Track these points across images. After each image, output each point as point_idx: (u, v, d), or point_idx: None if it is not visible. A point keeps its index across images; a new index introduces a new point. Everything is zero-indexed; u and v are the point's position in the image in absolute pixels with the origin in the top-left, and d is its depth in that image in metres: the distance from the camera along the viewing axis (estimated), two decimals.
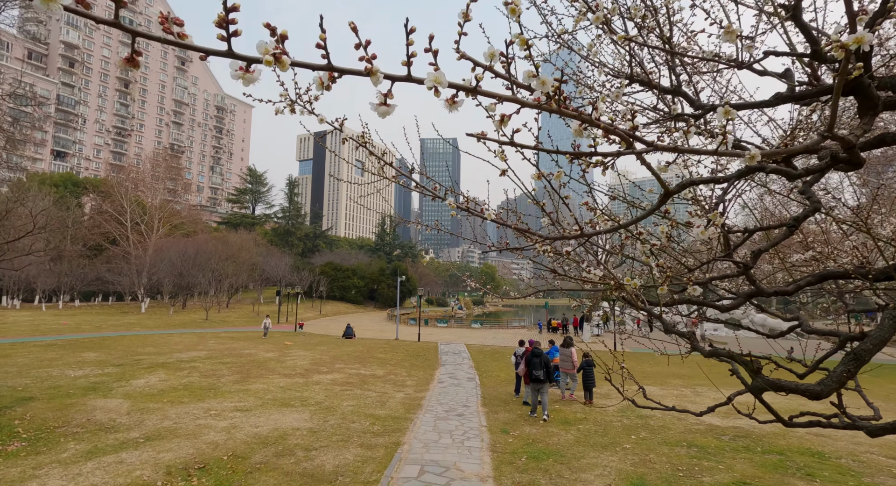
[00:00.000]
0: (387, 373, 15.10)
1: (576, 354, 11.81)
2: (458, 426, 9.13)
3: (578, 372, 11.85)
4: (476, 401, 11.40)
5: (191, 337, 24.54)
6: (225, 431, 8.06)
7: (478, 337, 28.69)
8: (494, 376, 15.03)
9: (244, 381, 12.81)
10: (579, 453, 7.50)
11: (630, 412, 10.52)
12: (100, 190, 59.21)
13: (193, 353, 18.25)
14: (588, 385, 11.44)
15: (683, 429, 9.13)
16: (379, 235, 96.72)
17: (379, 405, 10.58)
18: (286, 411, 9.68)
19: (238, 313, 43.00)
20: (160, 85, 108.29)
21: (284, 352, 19.42)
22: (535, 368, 10.32)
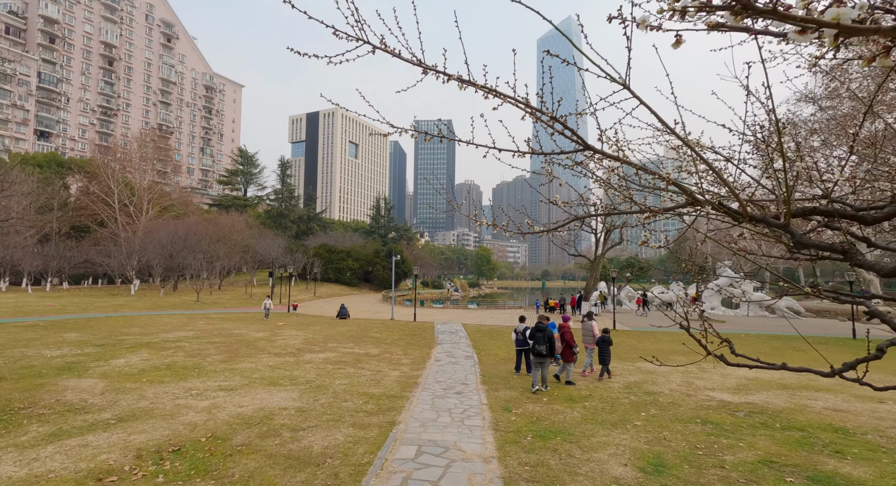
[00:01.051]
0: (382, 352, 14.57)
1: (596, 327, 11.62)
2: (458, 404, 8.60)
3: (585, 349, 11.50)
4: (475, 379, 10.89)
5: (180, 318, 23.88)
6: (206, 411, 7.46)
7: (474, 317, 28.28)
8: (493, 355, 14.55)
9: (231, 360, 12.21)
10: (588, 431, 6.99)
11: (636, 389, 10.06)
12: (85, 171, 57.60)
13: (181, 333, 17.62)
14: (604, 361, 11.10)
15: (695, 406, 8.65)
16: (374, 217, 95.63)
17: (373, 384, 10.03)
18: (274, 390, 9.09)
19: (230, 294, 42.33)
20: (146, 63, 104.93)
21: (276, 332, 18.84)
22: (538, 342, 10.00)
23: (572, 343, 10.41)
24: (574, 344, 10.45)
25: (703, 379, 11.13)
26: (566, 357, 10.43)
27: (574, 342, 10.49)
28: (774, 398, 9.22)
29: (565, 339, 10.38)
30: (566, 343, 10.38)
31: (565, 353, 10.41)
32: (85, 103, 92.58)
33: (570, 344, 10.38)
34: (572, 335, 10.54)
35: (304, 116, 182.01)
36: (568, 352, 10.41)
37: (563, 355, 10.43)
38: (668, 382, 10.81)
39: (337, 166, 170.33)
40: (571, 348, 10.39)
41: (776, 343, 18.02)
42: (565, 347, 10.40)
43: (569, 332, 10.51)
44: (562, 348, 10.41)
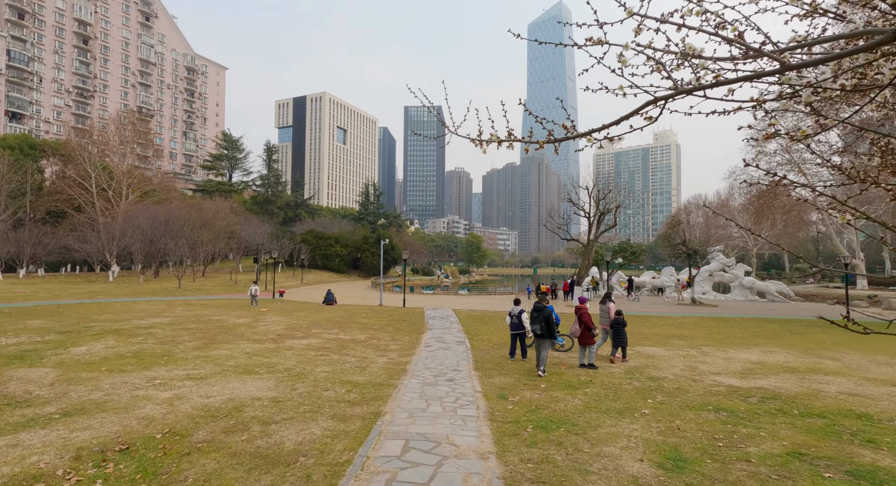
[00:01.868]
0: (368, 337, 13.83)
1: (613, 309, 11.27)
2: (449, 392, 7.91)
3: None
4: (468, 365, 10.22)
5: (158, 304, 22.85)
6: (167, 403, 6.65)
7: (465, 303, 27.67)
8: (486, 340, 13.91)
9: (205, 347, 11.36)
10: (593, 421, 6.34)
11: (639, 374, 9.48)
12: (60, 153, 55.27)
13: (156, 319, 16.66)
14: (619, 344, 10.82)
15: (703, 391, 8.08)
16: (363, 203, 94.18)
17: (358, 371, 9.29)
18: (248, 378, 8.30)
19: (214, 281, 41.14)
20: (123, 42, 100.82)
21: (258, 318, 17.97)
22: (532, 322, 9.68)
23: (591, 325, 9.91)
24: (592, 326, 10.03)
25: (706, 364, 10.61)
26: (585, 340, 9.94)
27: (592, 324, 10.04)
28: (784, 383, 8.69)
29: (583, 321, 9.85)
30: (584, 325, 9.86)
31: (584, 335, 9.90)
32: (59, 84, 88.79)
33: (589, 326, 9.88)
34: (590, 317, 10.11)
35: (290, 100, 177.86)
36: (587, 334, 9.89)
37: (582, 338, 9.93)
38: (671, 367, 10.25)
39: (325, 152, 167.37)
40: (590, 330, 9.90)
41: (773, 326, 17.69)
42: (584, 329, 9.87)
43: (587, 313, 10.05)
44: (580, 331, 9.87)
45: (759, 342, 13.83)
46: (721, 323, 18.73)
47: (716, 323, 18.77)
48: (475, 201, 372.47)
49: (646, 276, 41.04)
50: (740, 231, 65.97)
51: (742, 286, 34.05)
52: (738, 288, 34.21)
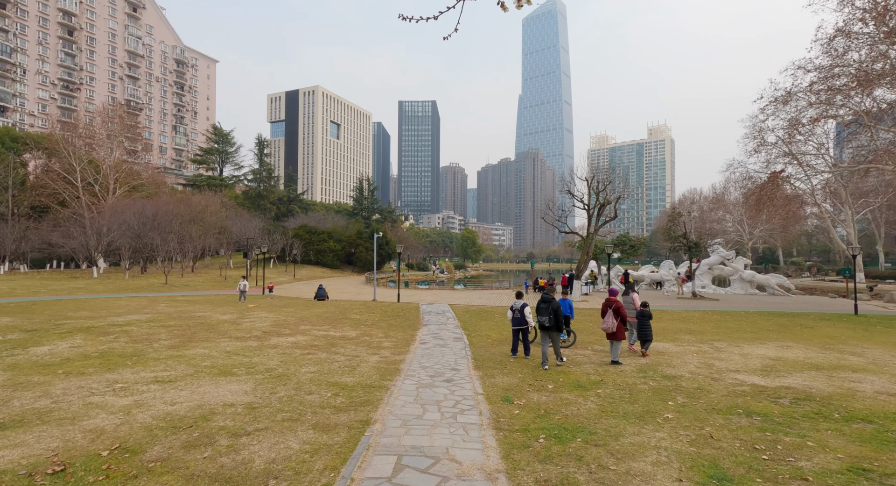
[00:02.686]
0: (360, 334, 13.00)
1: (638, 300, 10.86)
2: (448, 394, 7.11)
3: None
4: (467, 363, 9.43)
5: (140, 300, 21.85)
6: (123, 411, 5.79)
7: (462, 298, 26.89)
8: (484, 336, 13.13)
9: (182, 346, 10.48)
10: (613, 428, 5.57)
11: (652, 372, 8.73)
12: (43, 146, 53.63)
13: (134, 316, 15.72)
14: (643, 337, 10.38)
15: (727, 392, 7.34)
16: (357, 198, 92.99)
17: (347, 372, 8.47)
18: (223, 381, 7.45)
19: (203, 277, 40.05)
20: (110, 33, 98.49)
21: (244, 314, 17.07)
22: (540, 313, 9.19)
23: (627, 319, 9.46)
24: (627, 320, 9.58)
25: (722, 360, 9.89)
26: (621, 335, 9.38)
27: (628, 318, 9.68)
28: (813, 381, 7.98)
29: (620, 314, 9.29)
30: (622, 319, 9.30)
31: (621, 331, 9.35)
32: (44, 76, 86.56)
33: (626, 320, 9.41)
34: (625, 311, 9.68)
35: (283, 94, 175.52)
36: (622, 329, 9.35)
37: (619, 333, 9.35)
38: (685, 364, 9.52)
39: (318, 147, 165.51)
40: (626, 325, 9.44)
41: (781, 320, 17.06)
42: (620, 323, 9.29)
43: (623, 307, 9.48)
44: (616, 325, 9.24)
45: (771, 337, 13.16)
46: (727, 317, 18.08)
47: (722, 317, 18.12)
48: (470, 197, 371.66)
49: (644, 270, 40.48)
50: (735, 225, 65.76)
51: (742, 280, 33.56)
52: (738, 281, 33.72)
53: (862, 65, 24.52)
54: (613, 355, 9.50)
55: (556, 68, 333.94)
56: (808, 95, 26.84)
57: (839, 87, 26.10)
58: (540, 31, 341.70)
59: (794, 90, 26.83)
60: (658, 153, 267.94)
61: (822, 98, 27.29)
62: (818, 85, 27.06)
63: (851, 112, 28.82)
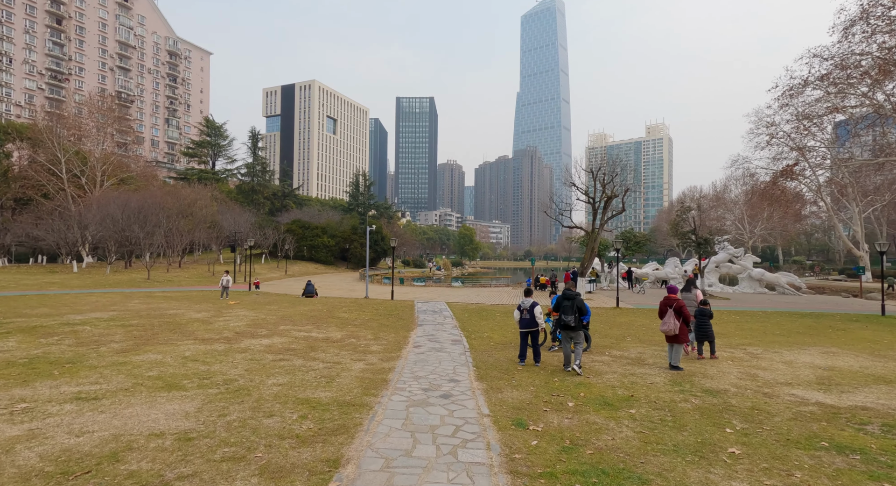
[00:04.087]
0: (346, 336, 11.53)
1: (700, 296, 9.98)
2: (446, 416, 5.65)
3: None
4: (467, 372, 7.99)
5: (114, 297, 20.29)
6: (3, 447, 4.29)
7: (459, 295, 25.45)
8: (486, 338, 11.70)
9: (134, 350, 8.98)
10: (667, 469, 4.13)
11: (689, 385, 7.32)
12: (27, 136, 51.66)
13: (97, 314, 14.18)
14: (703, 337, 9.44)
15: (791, 414, 5.92)
16: (352, 194, 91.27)
17: (323, 384, 7.00)
18: (163, 398, 5.96)
19: (190, 272, 38.43)
20: (100, 23, 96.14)
21: (222, 312, 15.56)
22: (564, 312, 8.12)
23: (691, 319, 8.47)
24: (692, 320, 8.62)
25: (764, 370, 8.48)
26: (684, 337, 8.33)
27: (691, 318, 8.58)
28: (892, 400, 6.57)
29: (683, 314, 8.27)
30: (684, 319, 8.28)
31: (683, 332, 8.32)
32: (31, 65, 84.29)
33: (689, 320, 8.40)
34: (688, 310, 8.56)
35: (278, 88, 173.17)
36: (685, 331, 8.35)
37: (681, 335, 8.30)
38: (723, 374, 8.11)
39: (314, 142, 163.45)
40: (689, 326, 8.51)
41: (808, 321, 15.71)
42: (682, 324, 8.27)
43: (685, 306, 8.38)
44: (678, 326, 8.20)
45: (805, 341, 11.78)
46: (747, 318, 16.72)
47: (741, 318, 16.75)
48: (467, 194, 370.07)
49: (648, 267, 39.18)
50: (735, 223, 64.63)
51: (751, 278, 32.28)
52: (747, 280, 32.44)
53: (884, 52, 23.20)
54: (672, 360, 8.42)
55: (554, 66, 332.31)
56: (825, 84, 25.53)
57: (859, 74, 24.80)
58: (538, 28, 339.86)
59: (811, 78, 25.50)
60: (656, 152, 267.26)
61: (838, 87, 26.00)
62: (836, 73, 25.76)
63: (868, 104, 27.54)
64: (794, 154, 32.90)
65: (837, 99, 27.56)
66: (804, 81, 25.80)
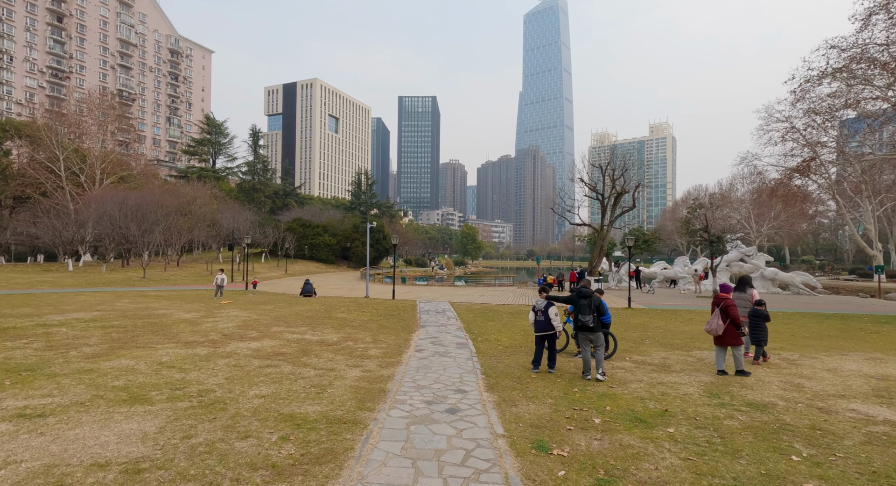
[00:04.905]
0: (343, 338, 10.68)
1: (757, 296, 9.13)
2: (453, 436, 4.79)
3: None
4: (476, 381, 7.12)
5: (104, 296, 19.51)
6: None
7: (463, 295, 24.58)
8: (493, 341, 10.83)
9: (106, 355, 8.15)
10: None
11: (726, 396, 6.44)
12: (25, 134, 51.08)
13: (80, 314, 13.38)
14: (758, 340, 8.65)
15: (862, 436, 5.01)
16: (354, 193, 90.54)
17: (313, 395, 6.15)
18: (121, 414, 5.11)
19: (188, 271, 37.69)
20: (101, 21, 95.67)
21: (213, 312, 14.74)
22: (582, 312, 7.34)
23: (739, 321, 7.70)
24: (741, 322, 7.75)
25: (808, 378, 7.57)
26: (731, 339, 7.67)
27: (740, 320, 7.79)
28: None
29: (731, 315, 7.61)
30: (731, 320, 7.61)
31: (730, 334, 7.65)
32: (32, 63, 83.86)
33: (738, 322, 7.67)
34: (738, 311, 7.86)
35: (280, 87, 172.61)
36: (735, 333, 7.66)
37: (727, 337, 7.66)
38: (763, 383, 7.21)
39: (316, 141, 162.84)
40: (739, 328, 7.70)
41: (834, 323, 14.76)
42: (729, 325, 7.61)
43: (734, 306, 7.68)
44: (723, 327, 7.58)
45: (842, 345, 10.86)
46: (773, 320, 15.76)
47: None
48: (470, 194, 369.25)
49: (656, 266, 38.17)
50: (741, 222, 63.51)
51: (763, 278, 31.24)
52: (759, 279, 31.36)
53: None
54: (719, 364, 7.74)
55: (557, 65, 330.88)
56: (845, 75, 24.49)
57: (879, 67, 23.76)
58: (541, 27, 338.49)
59: (830, 70, 24.46)
60: (659, 151, 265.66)
61: (858, 79, 24.96)
62: (854, 65, 24.72)
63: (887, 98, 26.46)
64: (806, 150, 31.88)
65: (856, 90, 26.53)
66: (822, 73, 24.78)
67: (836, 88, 26.77)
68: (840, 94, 26.73)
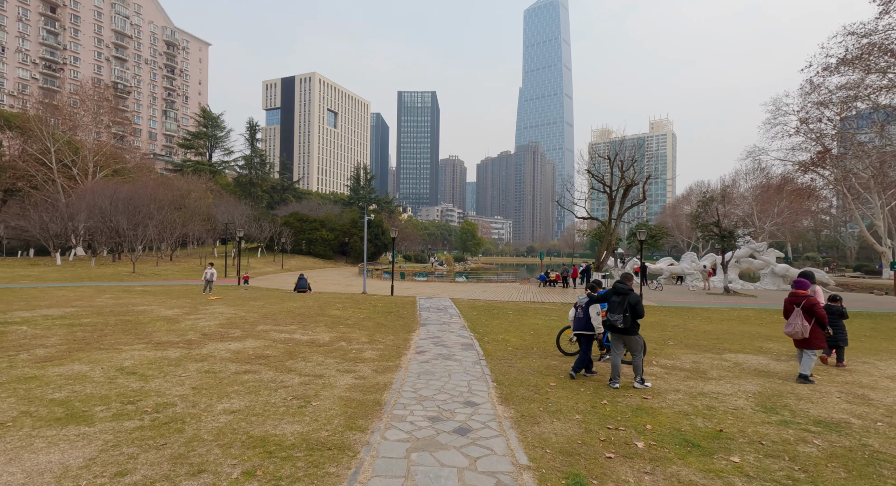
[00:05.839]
0: (336, 338, 9.64)
1: (821, 293, 8.23)
2: (466, 468, 3.76)
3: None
4: (487, 391, 6.09)
5: (86, 290, 18.44)
6: None
7: (465, 291, 23.56)
8: (501, 341, 9.81)
9: (62, 358, 7.10)
10: None
11: (784, 411, 5.43)
12: (15, 125, 49.79)
13: (51, 310, 12.32)
14: (836, 342, 7.81)
15: None
16: (353, 188, 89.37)
17: (294, 409, 5.11)
18: (48, 438, 4.07)
19: (181, 266, 36.60)
20: (95, 12, 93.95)
21: (198, 309, 13.69)
22: (612, 310, 6.31)
23: (826, 321, 6.79)
24: (827, 322, 6.85)
25: (870, 387, 6.56)
26: (819, 342, 6.73)
27: (826, 320, 6.80)
28: None
29: (817, 314, 6.66)
30: (816, 319, 6.67)
31: (816, 335, 6.72)
32: (24, 54, 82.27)
33: (824, 322, 6.74)
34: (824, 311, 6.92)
35: (278, 81, 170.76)
36: (821, 335, 6.73)
37: (812, 339, 6.72)
38: (821, 395, 6.20)
39: (315, 136, 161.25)
40: (825, 329, 6.86)
41: (864, 322, 13.78)
42: (814, 326, 6.68)
43: (819, 304, 6.80)
44: (808, 328, 6.64)
45: (887, 347, 9.86)
46: None
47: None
48: (469, 190, 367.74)
49: (662, 262, 37.19)
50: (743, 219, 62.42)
51: (774, 274, 30.26)
52: (769, 276, 30.44)
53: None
54: (803, 368, 6.79)
55: (557, 61, 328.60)
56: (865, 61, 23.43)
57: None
58: (541, 22, 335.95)
59: (849, 57, 23.40)
60: (660, 148, 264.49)
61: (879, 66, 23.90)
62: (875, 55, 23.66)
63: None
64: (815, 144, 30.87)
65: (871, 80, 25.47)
66: (841, 60, 23.71)
67: (847, 81, 25.75)
68: (851, 85, 25.71)
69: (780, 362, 8.24)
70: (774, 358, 8.50)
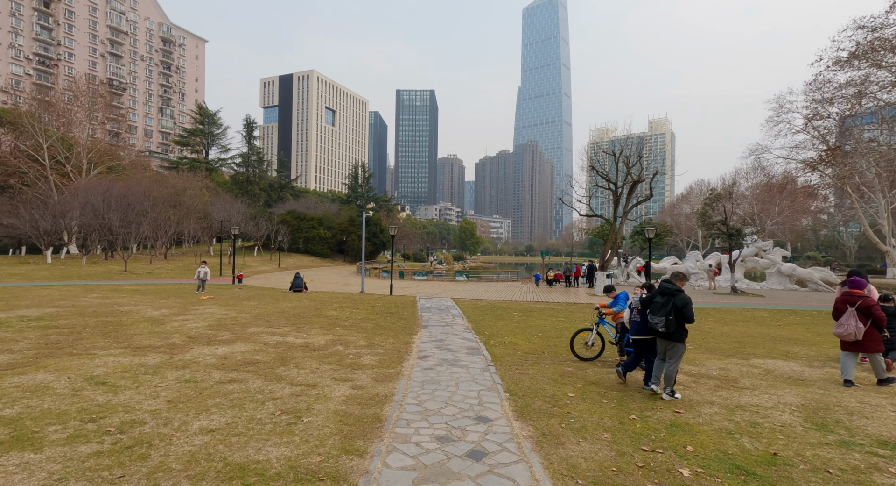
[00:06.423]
0: (332, 341, 8.97)
1: (875, 292, 7.46)
2: None
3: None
4: (500, 403, 5.43)
5: (72, 290, 17.71)
6: None
7: (466, 291, 22.90)
8: (509, 344, 9.17)
9: (26, 365, 6.41)
10: None
11: (839, 428, 4.79)
12: (6, 120, 48.86)
13: (30, 311, 11.61)
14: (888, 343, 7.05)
15: None
16: (351, 186, 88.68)
17: (282, 427, 4.44)
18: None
19: (175, 264, 35.85)
20: (90, 7, 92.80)
21: (187, 309, 12.99)
22: (654, 312, 5.73)
23: (884, 323, 6.24)
24: (885, 324, 6.31)
25: None
26: (875, 345, 6.25)
27: (885, 322, 6.25)
28: None
29: (874, 315, 6.13)
30: (873, 321, 6.12)
31: (874, 338, 6.20)
32: (17, 50, 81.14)
33: (881, 323, 6.20)
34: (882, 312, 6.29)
35: (276, 78, 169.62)
36: (877, 337, 6.19)
37: (868, 342, 6.21)
38: (872, 408, 5.56)
39: (313, 134, 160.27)
40: (882, 331, 6.39)
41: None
42: (871, 328, 6.14)
43: (877, 305, 6.20)
44: (862, 330, 6.08)
45: None
46: (808, 318, 14.19)
47: (802, 318, 14.23)
48: (468, 189, 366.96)
49: (665, 262, 36.62)
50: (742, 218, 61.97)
51: (780, 273, 29.74)
52: (776, 275, 29.90)
53: None
54: (846, 374, 6.37)
55: (556, 60, 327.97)
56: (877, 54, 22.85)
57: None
58: (540, 21, 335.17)
59: (861, 51, 22.80)
60: (659, 147, 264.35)
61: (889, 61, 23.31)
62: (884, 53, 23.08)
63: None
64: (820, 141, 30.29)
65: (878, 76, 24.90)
66: (852, 53, 23.11)
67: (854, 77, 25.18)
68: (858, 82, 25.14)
69: (813, 368, 7.60)
70: (807, 364, 7.86)
